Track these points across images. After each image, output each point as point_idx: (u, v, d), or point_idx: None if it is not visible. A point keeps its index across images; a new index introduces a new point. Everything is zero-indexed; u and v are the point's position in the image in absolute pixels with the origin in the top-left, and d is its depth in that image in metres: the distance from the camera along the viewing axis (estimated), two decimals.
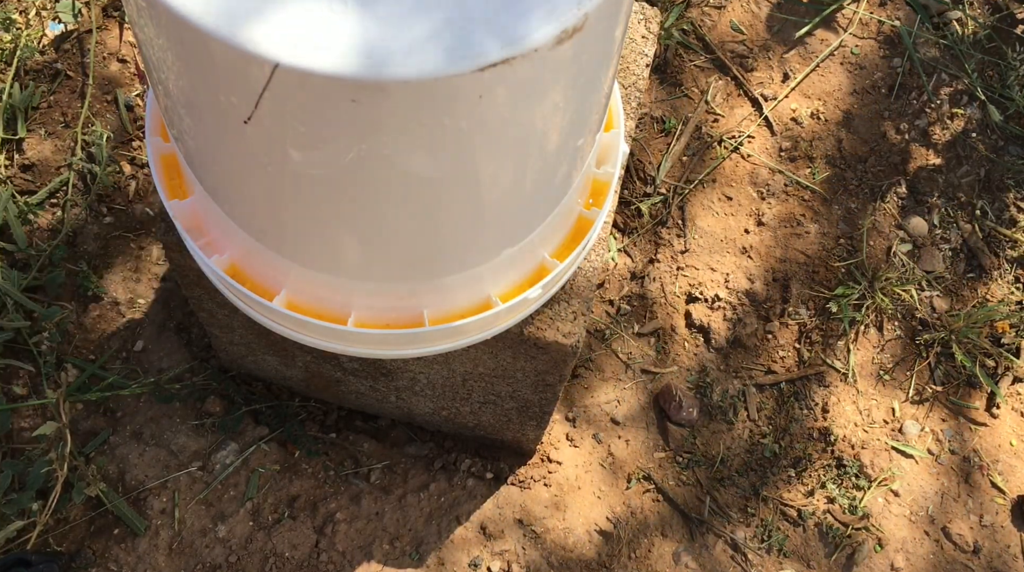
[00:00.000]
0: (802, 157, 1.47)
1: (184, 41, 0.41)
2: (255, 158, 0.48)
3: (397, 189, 0.49)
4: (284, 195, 0.52)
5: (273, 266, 0.64)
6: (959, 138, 1.50)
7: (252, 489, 1.16)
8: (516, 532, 1.19)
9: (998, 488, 1.30)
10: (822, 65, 1.53)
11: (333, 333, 0.67)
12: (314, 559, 1.14)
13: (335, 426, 1.24)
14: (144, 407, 1.19)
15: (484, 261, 0.63)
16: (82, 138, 1.31)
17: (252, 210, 0.59)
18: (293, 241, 0.60)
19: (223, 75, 0.42)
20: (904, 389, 1.34)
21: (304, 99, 0.40)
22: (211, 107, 0.46)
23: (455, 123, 0.41)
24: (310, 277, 0.64)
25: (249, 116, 0.42)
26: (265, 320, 0.71)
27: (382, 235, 0.56)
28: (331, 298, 0.65)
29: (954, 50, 1.55)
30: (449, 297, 0.66)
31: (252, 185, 0.53)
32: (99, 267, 1.26)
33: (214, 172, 0.56)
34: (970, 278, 1.42)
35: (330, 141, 0.44)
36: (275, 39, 0.38)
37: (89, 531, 1.12)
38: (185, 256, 0.91)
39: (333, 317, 0.66)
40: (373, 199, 0.50)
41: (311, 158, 0.45)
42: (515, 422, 1.12)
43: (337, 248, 0.59)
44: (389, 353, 0.73)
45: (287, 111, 0.42)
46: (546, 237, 0.68)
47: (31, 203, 1.26)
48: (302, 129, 0.43)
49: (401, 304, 0.66)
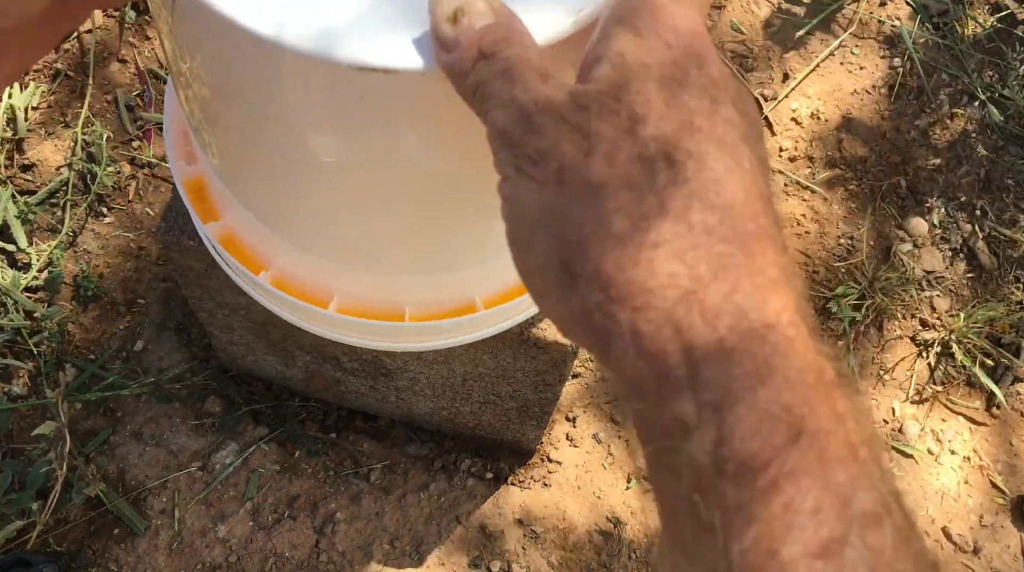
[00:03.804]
0: (802, 157, 1.47)
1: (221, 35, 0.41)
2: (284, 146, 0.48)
3: (415, 181, 0.49)
4: (301, 180, 0.52)
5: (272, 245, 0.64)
6: (959, 138, 1.50)
7: (252, 489, 1.16)
8: (516, 532, 1.19)
9: (998, 488, 1.30)
10: (822, 65, 1.53)
11: (315, 315, 0.67)
12: (314, 559, 1.14)
13: (335, 426, 1.24)
14: (144, 407, 1.19)
15: (474, 264, 0.63)
16: (82, 138, 1.31)
17: (259, 189, 0.58)
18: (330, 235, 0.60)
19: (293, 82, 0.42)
20: (904, 389, 1.34)
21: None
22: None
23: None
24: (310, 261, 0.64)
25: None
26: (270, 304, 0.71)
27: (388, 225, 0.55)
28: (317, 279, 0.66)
29: (954, 50, 1.55)
30: (433, 296, 0.66)
31: (265, 166, 0.53)
32: (99, 267, 1.26)
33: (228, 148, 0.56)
34: (970, 278, 1.42)
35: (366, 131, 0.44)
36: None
37: (89, 531, 1.12)
38: (185, 256, 0.91)
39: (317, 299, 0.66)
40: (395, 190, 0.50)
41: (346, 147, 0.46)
42: (515, 422, 1.12)
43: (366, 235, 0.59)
44: (366, 343, 0.72)
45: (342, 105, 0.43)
46: None
47: (31, 203, 1.26)
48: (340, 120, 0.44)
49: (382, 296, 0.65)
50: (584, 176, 0.31)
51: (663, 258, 0.30)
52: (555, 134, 0.32)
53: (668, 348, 0.29)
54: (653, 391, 0.30)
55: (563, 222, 0.32)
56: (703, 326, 0.29)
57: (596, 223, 0.31)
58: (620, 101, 0.32)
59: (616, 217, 0.31)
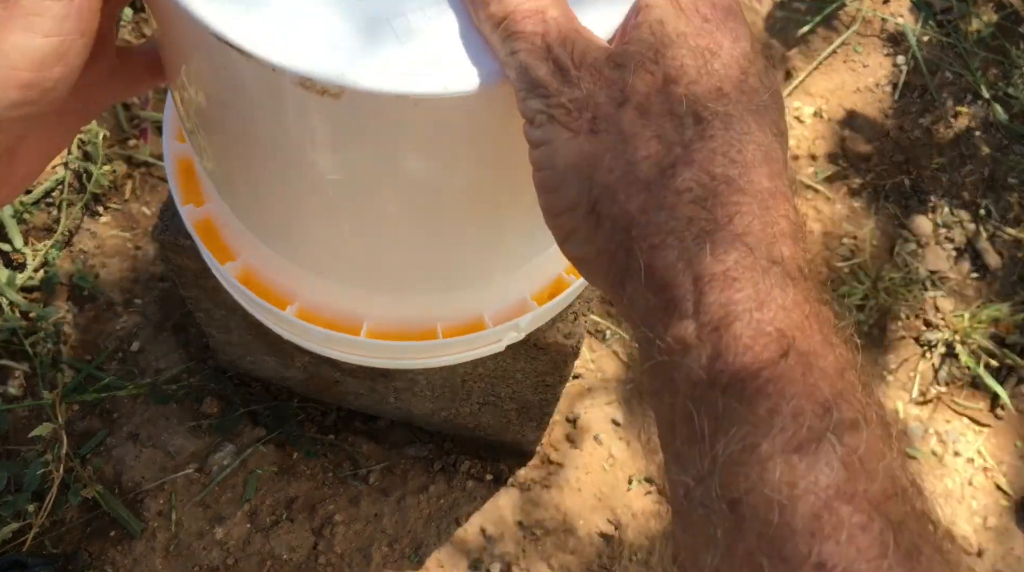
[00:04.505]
0: (805, 156, 1.46)
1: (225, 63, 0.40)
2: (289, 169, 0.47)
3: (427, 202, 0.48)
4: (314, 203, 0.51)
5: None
6: (963, 137, 1.49)
7: (250, 491, 1.15)
8: (516, 534, 1.18)
9: (1002, 490, 1.29)
10: (825, 63, 1.52)
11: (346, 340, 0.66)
12: (312, 561, 1.13)
13: (333, 427, 1.23)
14: (141, 408, 1.18)
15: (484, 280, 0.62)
16: (78, 137, 1.30)
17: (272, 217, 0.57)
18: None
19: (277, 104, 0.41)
20: (908, 390, 1.33)
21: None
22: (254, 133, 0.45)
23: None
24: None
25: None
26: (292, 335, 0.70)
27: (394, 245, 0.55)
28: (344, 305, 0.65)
29: (958, 48, 1.54)
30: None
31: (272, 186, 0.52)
32: (95, 267, 1.25)
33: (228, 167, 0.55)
34: (974, 278, 1.41)
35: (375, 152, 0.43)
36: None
37: (85, 533, 1.11)
38: (182, 256, 0.90)
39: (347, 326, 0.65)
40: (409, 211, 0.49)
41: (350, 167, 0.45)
42: (515, 423, 1.11)
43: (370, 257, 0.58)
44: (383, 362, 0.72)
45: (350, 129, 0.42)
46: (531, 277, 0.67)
47: (26, 202, 1.25)
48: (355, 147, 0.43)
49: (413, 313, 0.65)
50: (618, 125, 0.34)
51: (684, 203, 0.33)
52: (591, 87, 0.34)
53: (678, 280, 0.32)
54: (661, 319, 0.32)
55: (595, 167, 0.34)
56: (712, 260, 0.31)
57: (626, 169, 0.33)
58: (657, 63, 0.34)
59: (645, 164, 0.33)
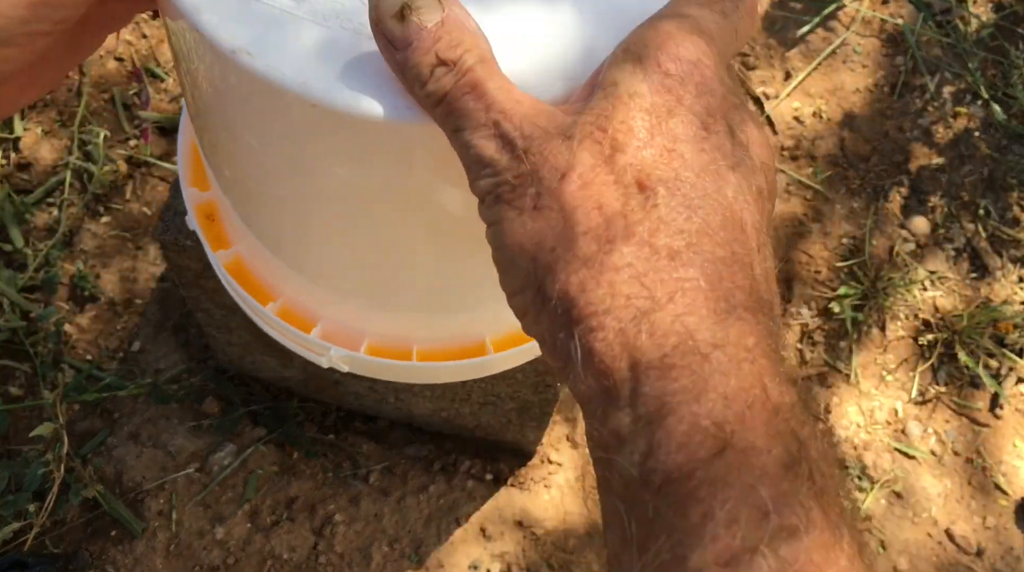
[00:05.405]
0: (804, 156, 1.46)
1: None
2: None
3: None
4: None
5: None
6: (962, 137, 1.49)
7: (250, 491, 1.15)
8: (516, 534, 1.18)
9: (1001, 490, 1.29)
10: (824, 63, 1.52)
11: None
12: (312, 561, 1.13)
13: (334, 427, 1.23)
14: (141, 408, 1.18)
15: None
16: (79, 137, 1.30)
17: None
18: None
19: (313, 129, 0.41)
20: (907, 390, 1.33)
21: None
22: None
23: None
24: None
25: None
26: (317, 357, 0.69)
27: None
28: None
29: (957, 48, 1.55)
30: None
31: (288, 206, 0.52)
32: (96, 267, 1.25)
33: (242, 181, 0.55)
34: (973, 278, 1.41)
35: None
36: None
37: (86, 533, 1.12)
38: (183, 256, 0.90)
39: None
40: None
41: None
42: (515, 423, 1.11)
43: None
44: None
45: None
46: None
47: (27, 202, 1.25)
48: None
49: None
50: (559, 200, 0.32)
51: (623, 280, 0.31)
52: (536, 160, 0.33)
53: (615, 366, 0.30)
54: (600, 407, 0.30)
55: (539, 246, 0.32)
56: (650, 345, 0.30)
57: (566, 246, 0.32)
58: (605, 131, 0.32)
59: (584, 239, 0.32)
